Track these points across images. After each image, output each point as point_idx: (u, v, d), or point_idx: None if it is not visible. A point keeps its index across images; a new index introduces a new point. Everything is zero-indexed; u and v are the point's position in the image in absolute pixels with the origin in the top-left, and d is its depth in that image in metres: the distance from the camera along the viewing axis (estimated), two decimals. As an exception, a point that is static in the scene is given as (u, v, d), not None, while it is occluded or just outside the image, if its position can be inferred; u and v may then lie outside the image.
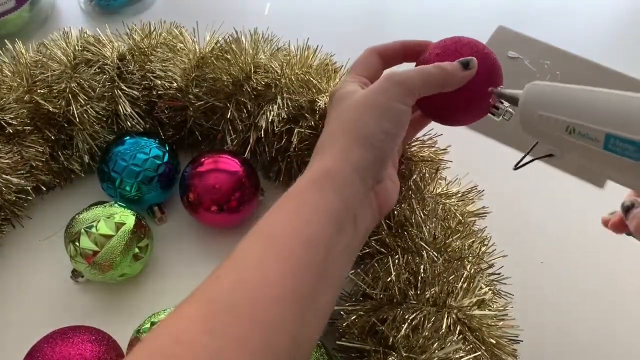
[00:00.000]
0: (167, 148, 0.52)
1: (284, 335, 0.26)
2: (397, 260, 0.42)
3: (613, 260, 0.50)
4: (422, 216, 0.44)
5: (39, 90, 0.51)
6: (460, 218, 0.45)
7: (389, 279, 0.41)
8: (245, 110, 0.51)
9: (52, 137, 0.52)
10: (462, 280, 0.40)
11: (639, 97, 0.26)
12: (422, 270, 0.41)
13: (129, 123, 0.52)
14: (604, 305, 0.48)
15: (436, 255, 0.42)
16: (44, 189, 0.53)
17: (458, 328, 0.38)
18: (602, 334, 0.47)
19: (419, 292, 0.40)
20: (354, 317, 0.42)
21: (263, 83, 0.50)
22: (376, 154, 0.33)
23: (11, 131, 0.50)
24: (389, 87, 0.34)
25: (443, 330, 0.38)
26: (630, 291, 0.49)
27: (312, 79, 0.50)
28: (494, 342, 0.39)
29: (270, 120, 0.49)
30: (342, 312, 0.43)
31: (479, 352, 0.38)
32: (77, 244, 0.44)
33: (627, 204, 0.31)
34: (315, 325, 0.29)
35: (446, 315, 0.38)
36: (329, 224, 0.30)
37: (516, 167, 0.36)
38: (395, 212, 0.44)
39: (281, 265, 0.27)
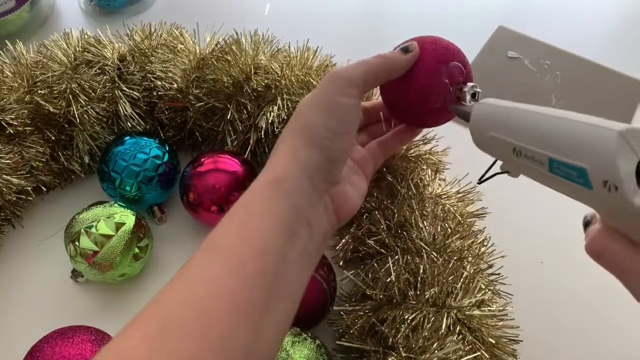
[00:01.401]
0: (167, 148, 0.52)
1: (235, 348, 0.25)
2: (396, 261, 0.42)
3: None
4: (422, 217, 0.44)
5: (39, 91, 0.51)
6: (460, 218, 0.45)
7: (389, 279, 0.41)
8: (245, 111, 0.51)
9: (53, 138, 0.52)
10: (461, 281, 0.40)
11: (579, 121, 0.26)
12: (421, 271, 0.41)
13: (129, 124, 0.53)
14: (604, 305, 0.48)
15: (436, 255, 0.42)
16: (44, 189, 0.54)
17: (457, 328, 0.38)
18: (602, 333, 0.47)
19: (418, 292, 0.40)
20: (353, 317, 0.42)
21: (263, 84, 0.50)
22: (325, 154, 0.32)
23: (12, 132, 0.50)
24: (330, 83, 0.34)
25: (442, 331, 0.38)
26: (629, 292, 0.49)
27: (312, 80, 0.50)
28: (494, 342, 0.39)
29: (270, 121, 0.49)
30: (342, 312, 0.43)
31: (479, 352, 0.38)
32: (77, 244, 0.44)
33: (587, 218, 0.30)
34: (272, 334, 0.28)
35: (446, 316, 0.38)
36: (280, 231, 0.29)
37: (480, 182, 0.36)
38: (395, 212, 0.44)
39: (230, 277, 0.27)
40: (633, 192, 0.23)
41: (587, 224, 0.29)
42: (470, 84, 0.37)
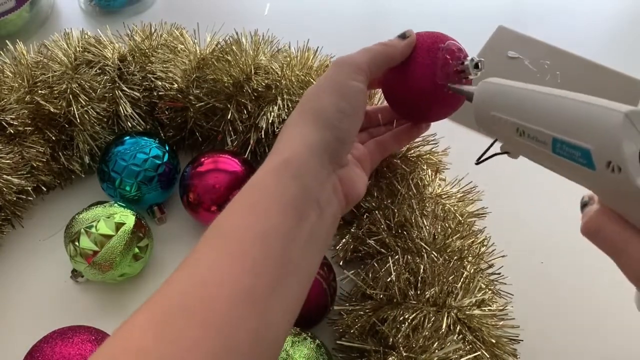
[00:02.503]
0: (167, 148, 0.52)
1: (242, 334, 0.25)
2: (397, 261, 0.42)
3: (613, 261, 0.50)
4: (422, 217, 0.44)
5: (40, 91, 0.51)
6: (460, 218, 0.45)
7: (389, 279, 0.41)
8: (245, 111, 0.51)
9: (53, 138, 0.52)
10: (461, 280, 0.40)
11: (585, 102, 0.26)
12: (422, 271, 0.41)
13: (129, 124, 0.53)
14: (604, 304, 0.48)
15: (436, 255, 0.42)
16: (44, 189, 0.54)
17: (458, 328, 0.38)
18: (602, 333, 0.47)
19: (419, 292, 0.40)
20: (354, 317, 0.42)
21: (263, 84, 0.50)
22: (334, 134, 0.33)
23: (12, 132, 0.50)
24: (338, 68, 0.35)
25: (443, 330, 0.38)
26: (629, 290, 0.49)
27: (312, 80, 0.50)
28: (494, 341, 0.39)
29: (270, 122, 0.49)
30: (342, 312, 0.43)
31: (479, 352, 0.38)
32: (77, 244, 0.44)
33: (585, 200, 0.30)
34: (281, 319, 0.28)
35: (446, 315, 0.38)
36: (288, 213, 0.29)
37: (477, 162, 0.35)
38: (395, 212, 0.44)
39: (235, 263, 0.27)
40: (636, 174, 0.23)
41: (584, 205, 0.29)
42: (471, 56, 0.38)
